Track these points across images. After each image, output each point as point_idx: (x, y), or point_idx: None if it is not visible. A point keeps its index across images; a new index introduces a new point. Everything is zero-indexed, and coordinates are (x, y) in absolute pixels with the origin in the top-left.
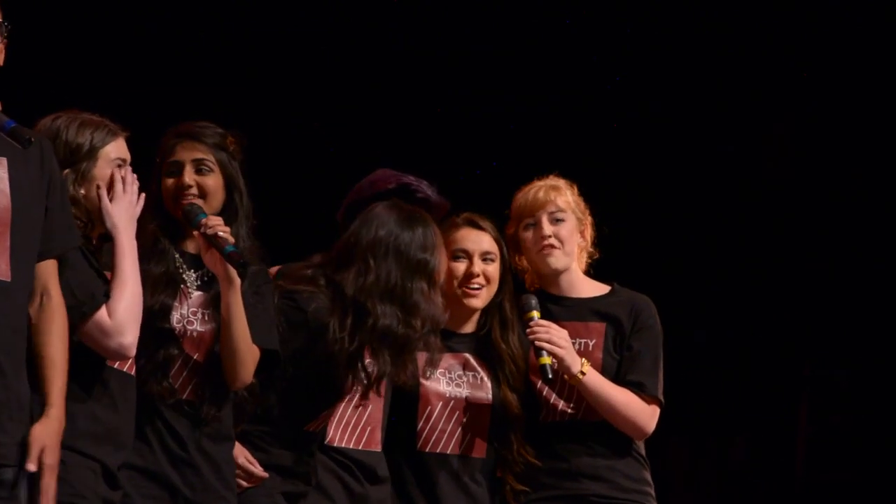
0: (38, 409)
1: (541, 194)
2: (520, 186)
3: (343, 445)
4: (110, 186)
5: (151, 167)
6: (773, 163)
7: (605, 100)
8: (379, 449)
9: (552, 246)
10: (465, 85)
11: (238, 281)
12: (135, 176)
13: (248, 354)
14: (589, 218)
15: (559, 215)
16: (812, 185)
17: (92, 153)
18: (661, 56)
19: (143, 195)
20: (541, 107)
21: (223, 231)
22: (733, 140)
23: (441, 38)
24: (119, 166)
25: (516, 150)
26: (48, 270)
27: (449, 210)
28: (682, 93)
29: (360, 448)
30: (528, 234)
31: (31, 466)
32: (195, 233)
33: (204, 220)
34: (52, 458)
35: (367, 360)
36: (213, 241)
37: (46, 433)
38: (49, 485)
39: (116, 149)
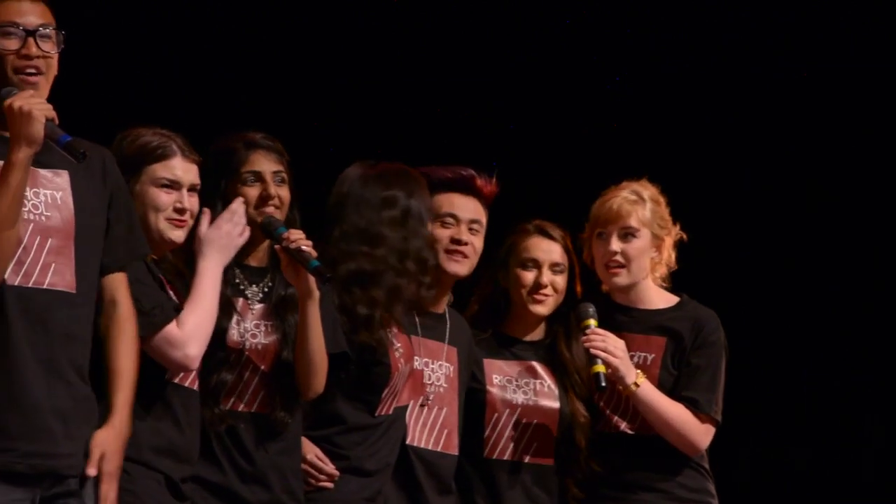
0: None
1: (615, 207)
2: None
3: (421, 446)
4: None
5: (212, 178)
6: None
7: (604, 100)
8: (456, 452)
9: (619, 265)
10: (465, 85)
11: (318, 294)
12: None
13: (322, 364)
14: (670, 230)
15: (630, 233)
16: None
17: (137, 168)
18: (663, 56)
19: (248, 232)
20: (541, 107)
21: (306, 245)
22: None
23: (441, 38)
24: (165, 187)
25: (516, 150)
26: (116, 281)
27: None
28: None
29: (437, 450)
30: (598, 245)
31: (91, 471)
32: (276, 247)
33: (286, 234)
34: (111, 466)
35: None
36: (296, 255)
37: (107, 440)
38: (108, 492)
39: (166, 168)
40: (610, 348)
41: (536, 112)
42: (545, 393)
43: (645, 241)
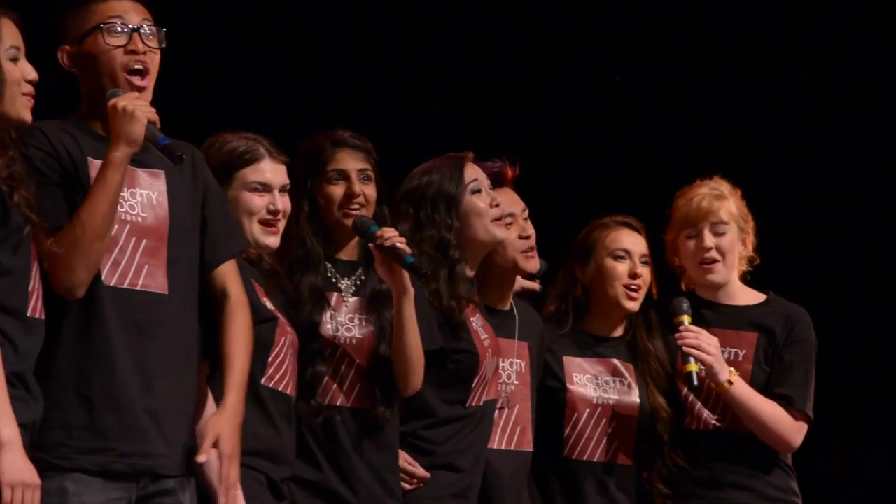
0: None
1: (704, 204)
2: (681, 189)
3: (495, 447)
4: None
5: (300, 176)
6: None
7: (605, 100)
8: (530, 449)
9: (714, 260)
10: (465, 85)
11: (412, 291)
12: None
13: (419, 360)
14: (751, 223)
15: (721, 228)
16: None
17: (227, 174)
18: (663, 56)
19: None
20: (541, 107)
21: (400, 242)
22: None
23: (441, 37)
24: (257, 191)
25: (516, 149)
26: (225, 272)
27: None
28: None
29: (511, 448)
30: (689, 245)
31: (201, 458)
32: (370, 245)
33: (379, 233)
34: (228, 447)
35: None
36: (390, 252)
37: (222, 423)
38: (228, 473)
39: (256, 172)
40: (703, 346)
41: (536, 112)
42: (626, 391)
43: (734, 234)
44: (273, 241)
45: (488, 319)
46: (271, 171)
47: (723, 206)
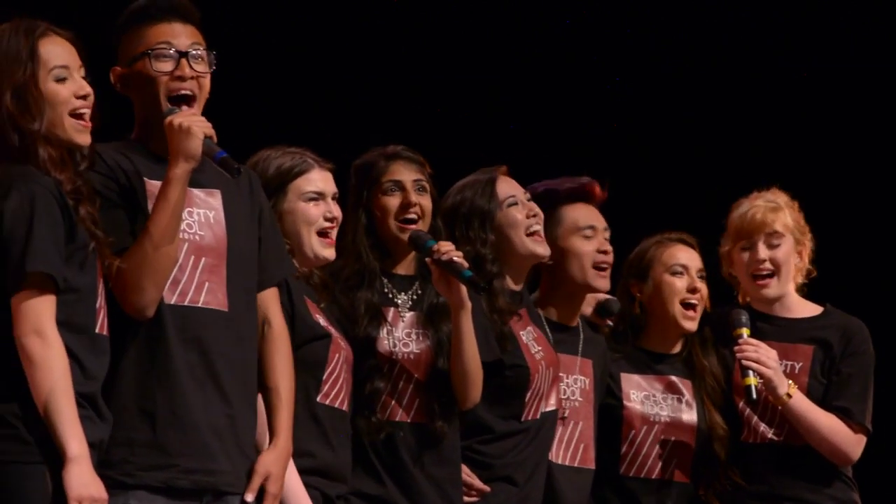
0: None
1: (758, 216)
2: (737, 199)
3: (558, 462)
4: None
5: (355, 191)
6: None
7: (604, 100)
8: (593, 467)
9: (768, 275)
10: (465, 85)
11: (470, 304)
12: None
13: (477, 373)
14: (808, 236)
15: (776, 240)
16: None
17: (280, 187)
18: (663, 56)
19: None
20: (541, 107)
21: (457, 256)
22: None
23: (440, 37)
24: (313, 200)
25: (516, 150)
26: (268, 299)
27: None
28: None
29: (574, 465)
30: (744, 257)
31: (249, 497)
32: (427, 260)
33: (435, 247)
34: (275, 487)
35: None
36: (448, 266)
37: (272, 462)
38: None
39: (308, 181)
40: (763, 359)
41: (537, 112)
42: (684, 408)
43: (789, 246)
44: (331, 253)
45: (552, 333)
46: (322, 179)
47: (778, 217)
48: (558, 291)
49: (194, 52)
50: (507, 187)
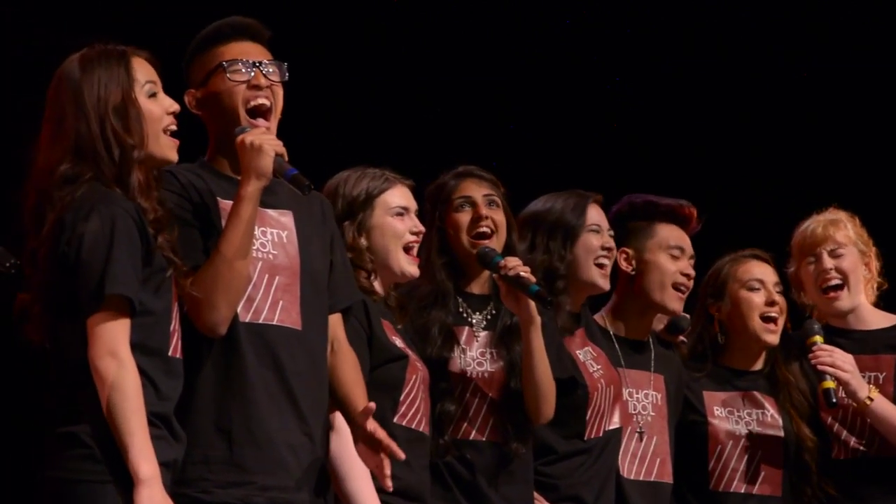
0: None
1: (819, 230)
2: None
3: (633, 477)
4: None
5: (428, 212)
6: None
7: (604, 100)
8: (670, 481)
9: (837, 286)
10: (465, 85)
11: (539, 320)
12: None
13: (550, 389)
14: (873, 249)
15: (839, 251)
16: None
17: (368, 202)
18: (663, 56)
19: None
20: (541, 107)
21: (524, 271)
22: None
23: (440, 37)
24: (399, 215)
25: (516, 150)
26: (335, 323)
27: None
28: None
29: (651, 479)
30: (810, 270)
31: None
32: (494, 276)
33: (502, 263)
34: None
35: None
36: (515, 282)
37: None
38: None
39: (394, 196)
40: (838, 363)
41: (537, 112)
42: (769, 422)
43: (854, 257)
44: (415, 269)
45: (621, 348)
46: (404, 195)
47: (839, 229)
48: (632, 306)
49: (267, 63)
50: (596, 215)
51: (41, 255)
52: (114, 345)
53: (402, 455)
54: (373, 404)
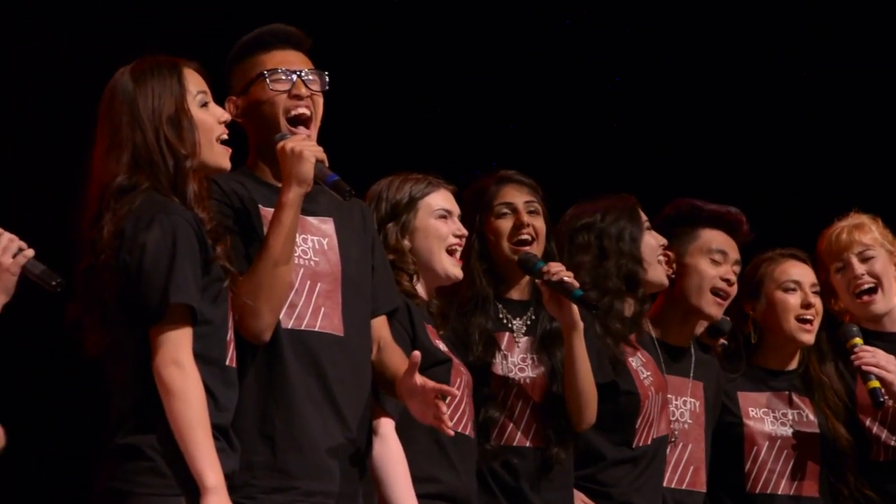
0: None
1: (844, 236)
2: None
3: (665, 485)
4: None
5: (468, 216)
6: None
7: (604, 100)
8: (703, 489)
9: (871, 289)
10: (465, 85)
11: (582, 325)
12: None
13: (592, 394)
14: None
15: (868, 253)
16: None
17: (412, 204)
18: (663, 56)
19: None
20: (541, 107)
21: (567, 276)
22: None
23: (440, 37)
24: (442, 217)
25: (516, 150)
26: (379, 326)
27: None
28: None
29: (683, 487)
30: (841, 278)
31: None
32: (537, 281)
33: (545, 268)
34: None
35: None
36: (558, 287)
37: None
38: None
39: (438, 199)
40: (882, 363)
41: (537, 112)
42: (804, 422)
43: (884, 258)
44: (459, 272)
45: (662, 354)
46: (448, 198)
47: (864, 233)
48: (672, 311)
49: (308, 73)
50: (643, 214)
51: (100, 264)
52: (177, 354)
53: (455, 391)
54: (417, 353)
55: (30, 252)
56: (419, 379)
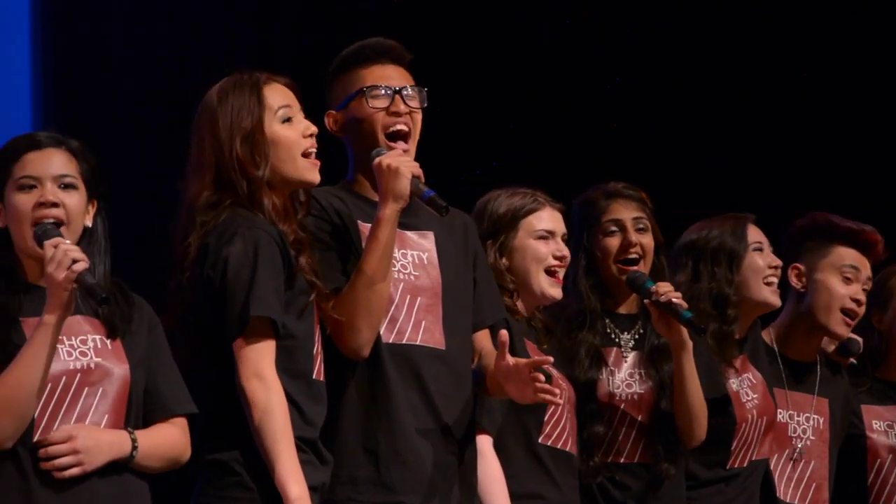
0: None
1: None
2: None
3: (788, 501)
4: None
5: (576, 230)
6: None
7: (604, 100)
8: None
9: None
10: (465, 85)
11: (690, 344)
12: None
13: (702, 411)
14: None
15: None
16: None
17: (513, 223)
18: (663, 56)
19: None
20: (540, 106)
21: (676, 297)
22: None
23: (440, 37)
24: (543, 238)
25: (516, 150)
26: (481, 339)
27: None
28: None
29: None
30: None
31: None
32: (645, 301)
33: (654, 288)
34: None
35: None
36: (667, 308)
37: None
38: None
39: (540, 219)
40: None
41: (537, 112)
42: None
43: None
44: (558, 292)
45: (785, 370)
46: (552, 218)
47: None
48: (798, 325)
49: (408, 89)
50: (756, 234)
51: (186, 279)
52: (259, 367)
53: (549, 357)
54: (504, 332)
55: (79, 266)
56: (511, 360)
